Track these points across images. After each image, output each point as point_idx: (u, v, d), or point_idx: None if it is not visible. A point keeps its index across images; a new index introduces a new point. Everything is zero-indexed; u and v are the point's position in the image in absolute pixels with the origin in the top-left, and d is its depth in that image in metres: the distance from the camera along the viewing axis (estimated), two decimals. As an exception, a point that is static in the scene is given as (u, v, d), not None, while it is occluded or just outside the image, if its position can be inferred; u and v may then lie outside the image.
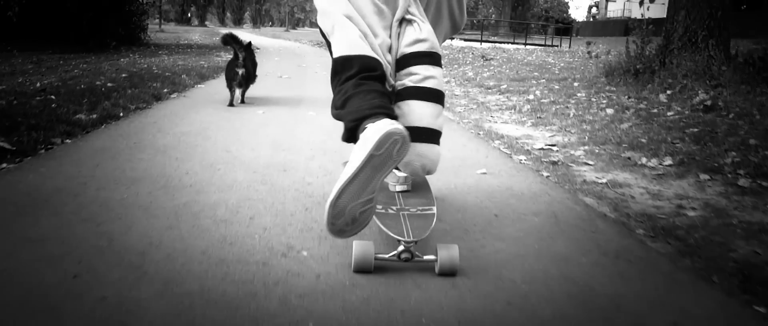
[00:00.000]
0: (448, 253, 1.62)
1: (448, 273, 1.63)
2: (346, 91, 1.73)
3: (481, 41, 24.55)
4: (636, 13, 50.24)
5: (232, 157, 2.97)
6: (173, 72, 7.45)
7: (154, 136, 3.41)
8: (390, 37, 1.85)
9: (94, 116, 3.89)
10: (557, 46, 24.91)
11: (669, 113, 5.00)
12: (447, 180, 2.67)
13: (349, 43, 1.76)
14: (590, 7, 68.50)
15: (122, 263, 1.59)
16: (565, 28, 36.81)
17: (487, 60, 13.66)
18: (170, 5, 68.73)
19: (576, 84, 7.48)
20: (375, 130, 1.47)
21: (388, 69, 1.81)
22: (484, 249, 1.84)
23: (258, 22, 77.49)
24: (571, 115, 5.03)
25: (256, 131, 3.71)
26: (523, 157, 3.36)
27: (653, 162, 3.31)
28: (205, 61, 10.46)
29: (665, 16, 8.01)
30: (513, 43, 25.61)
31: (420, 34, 1.81)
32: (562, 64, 12.45)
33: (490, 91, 6.97)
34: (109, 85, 5.79)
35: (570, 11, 59.28)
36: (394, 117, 1.59)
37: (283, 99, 5.41)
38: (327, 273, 1.60)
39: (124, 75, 6.92)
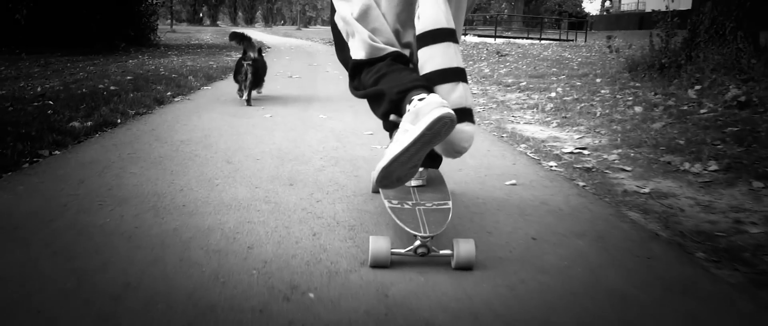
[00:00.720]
0: (464, 248, 1.61)
1: (465, 267, 1.63)
2: (380, 70, 1.80)
3: (495, 37, 24.15)
4: (651, 5, 49.63)
5: (233, 169, 2.69)
6: (180, 73, 7.21)
7: (151, 146, 3.15)
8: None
9: (89, 124, 3.63)
10: (572, 40, 24.47)
11: (702, 111, 4.66)
12: (473, 194, 2.38)
13: (371, 46, 1.83)
14: (603, 1, 67.69)
15: (90, 312, 1.32)
16: (579, 22, 36.20)
17: (502, 56, 13.33)
18: (181, 5, 68.78)
19: (598, 80, 7.15)
20: (428, 108, 1.55)
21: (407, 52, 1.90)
22: (525, 285, 1.55)
23: (269, 21, 77.42)
24: (598, 113, 4.71)
25: (261, 138, 3.44)
26: (553, 163, 3.06)
27: (697, 167, 2.99)
28: (214, 62, 10.23)
29: (690, 7, 7.65)
30: (527, 38, 25.17)
31: (424, 10, 1.79)
32: (579, 59, 12.08)
33: (509, 88, 6.65)
34: (111, 88, 5.55)
35: (583, 5, 58.53)
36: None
37: (293, 100, 5.14)
38: (337, 322, 1.32)
39: (129, 77, 6.68)
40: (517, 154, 3.26)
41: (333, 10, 2.02)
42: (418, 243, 1.62)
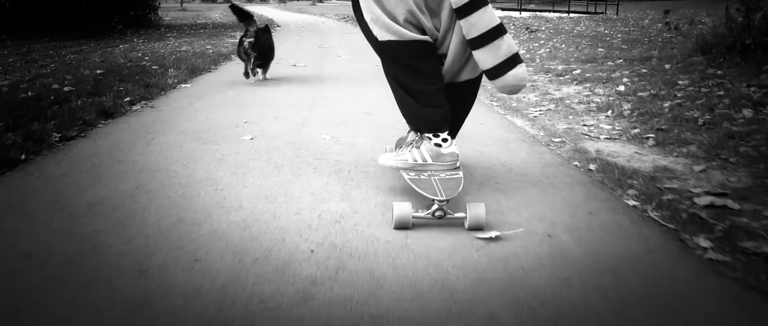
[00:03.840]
0: (475, 211, 1.82)
1: (477, 228, 1.83)
2: (409, 63, 2.01)
3: (520, 10, 22.62)
4: (679, -26, 47.31)
5: (176, 248, 1.52)
6: (163, 64, 6.02)
7: (61, 198, 1.97)
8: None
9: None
10: (602, 12, 22.85)
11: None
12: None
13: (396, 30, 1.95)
14: (628, -30, 64.98)
15: None
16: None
17: (532, 32, 12.01)
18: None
19: (667, 65, 5.84)
20: (441, 169, 2.05)
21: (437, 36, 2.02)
22: None
23: (284, -4, 75.74)
24: (700, 120, 3.47)
25: (231, 185, 2.25)
26: (705, 242, 1.82)
27: None
28: (212, 45, 9.06)
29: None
30: (553, 11, 23.59)
31: None
32: (620, 36, 10.72)
33: (561, 78, 5.38)
34: (65, 90, 4.39)
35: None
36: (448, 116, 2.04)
37: (288, 106, 3.94)
38: None
39: (99, 71, 5.51)
40: (627, 212, 2.03)
41: None
42: (435, 206, 1.86)
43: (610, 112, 3.90)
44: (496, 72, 1.96)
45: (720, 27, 6.65)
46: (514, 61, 1.96)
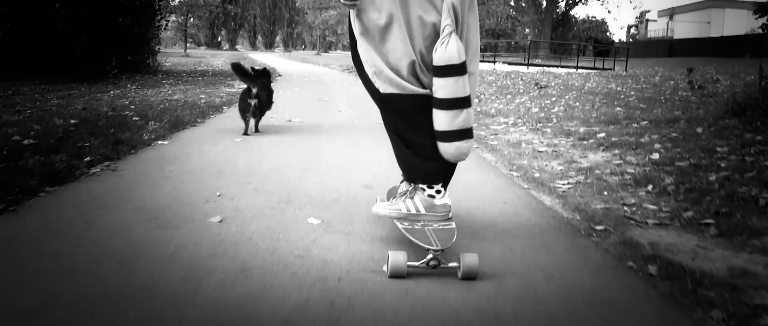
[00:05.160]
0: (469, 260, 1.85)
1: (470, 277, 1.85)
2: (408, 116, 2.06)
3: (528, 65, 22.32)
4: (680, 33, 47.73)
5: None
6: (145, 116, 5.48)
7: None
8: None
9: None
10: (611, 69, 22.54)
11: None
12: None
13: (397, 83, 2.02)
14: (630, 27, 65.54)
15: None
16: (605, 49, 34.10)
17: (542, 88, 11.56)
18: (195, 29, 67.82)
19: (699, 129, 5.29)
20: (434, 220, 2.10)
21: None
22: None
23: (289, 45, 76.40)
24: (762, 202, 2.90)
25: (175, 300, 1.65)
26: None
27: None
28: (206, 94, 8.58)
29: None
30: (559, 66, 23.27)
31: (440, 46, 1.97)
32: (633, 93, 10.26)
33: (585, 143, 4.82)
34: (26, 143, 3.84)
35: (612, 30, 56.79)
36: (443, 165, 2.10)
37: (274, 173, 3.37)
38: None
39: (73, 121, 4.97)
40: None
41: (353, 41, 2.12)
42: (430, 256, 1.88)
43: (650, 186, 3.33)
44: (444, 136, 2.02)
45: (750, 86, 6.16)
46: (463, 135, 2.03)
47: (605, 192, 3.23)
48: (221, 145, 4.22)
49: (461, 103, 1.98)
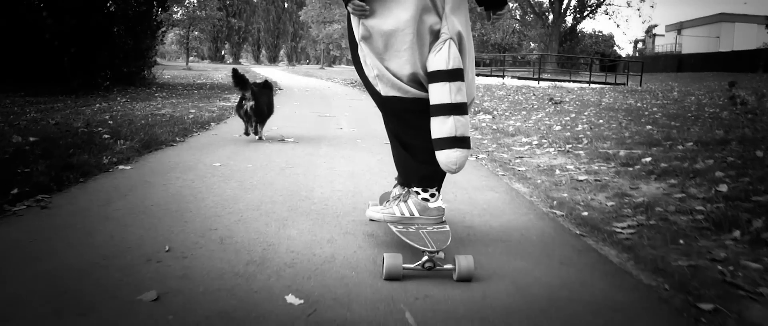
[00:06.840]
0: (465, 262, 1.83)
1: (466, 279, 1.84)
2: (408, 121, 2.07)
3: (539, 80, 21.59)
4: (688, 47, 46.96)
5: None
6: (117, 133, 4.75)
7: None
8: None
9: None
10: (623, 84, 21.80)
11: None
12: None
13: (400, 87, 2.03)
14: (637, 42, 64.77)
15: None
16: (612, 63, 33.30)
17: (557, 103, 10.85)
18: (198, 42, 67.31)
19: (758, 153, 4.53)
20: (427, 223, 2.09)
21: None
22: None
23: (293, 59, 75.89)
24: None
25: None
26: None
27: None
28: (197, 109, 7.89)
29: None
30: (570, 80, 22.54)
31: (433, 52, 2.00)
32: (656, 109, 9.54)
33: (630, 169, 4.06)
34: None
35: (621, 44, 56.14)
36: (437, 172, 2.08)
37: (249, 214, 2.63)
38: None
39: (32, 139, 4.26)
40: None
41: (353, 43, 2.12)
42: (425, 258, 1.86)
43: (736, 232, 2.57)
44: (436, 143, 2.00)
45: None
46: (454, 142, 1.98)
47: (681, 241, 2.48)
48: (193, 173, 3.48)
49: (450, 109, 1.97)
